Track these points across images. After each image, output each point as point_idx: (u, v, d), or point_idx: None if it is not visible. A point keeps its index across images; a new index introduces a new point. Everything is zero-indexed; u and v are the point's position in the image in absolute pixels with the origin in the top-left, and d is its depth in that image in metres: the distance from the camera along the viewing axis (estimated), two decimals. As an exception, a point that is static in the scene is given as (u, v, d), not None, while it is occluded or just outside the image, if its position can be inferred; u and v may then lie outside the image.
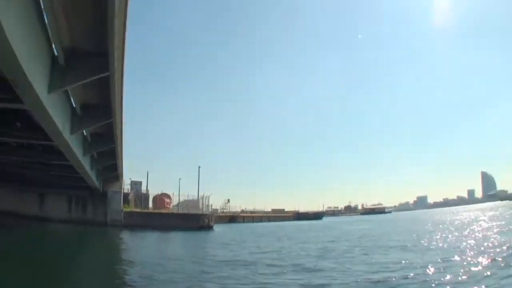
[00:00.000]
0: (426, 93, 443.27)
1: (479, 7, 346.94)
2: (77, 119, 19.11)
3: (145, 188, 59.20)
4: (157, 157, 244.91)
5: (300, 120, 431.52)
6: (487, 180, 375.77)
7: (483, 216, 53.54)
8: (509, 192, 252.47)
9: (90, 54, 13.12)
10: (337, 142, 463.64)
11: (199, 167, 56.54)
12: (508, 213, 58.17)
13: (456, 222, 44.05)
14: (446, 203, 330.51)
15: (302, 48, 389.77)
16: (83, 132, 22.84)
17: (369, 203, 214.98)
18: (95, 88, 16.36)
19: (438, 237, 25.14)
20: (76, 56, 12.97)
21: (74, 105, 18.50)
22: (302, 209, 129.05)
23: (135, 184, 57.30)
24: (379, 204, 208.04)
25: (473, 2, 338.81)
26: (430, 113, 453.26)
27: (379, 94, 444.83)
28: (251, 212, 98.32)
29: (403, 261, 14.12)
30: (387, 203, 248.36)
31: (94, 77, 13.78)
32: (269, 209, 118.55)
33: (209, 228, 42.41)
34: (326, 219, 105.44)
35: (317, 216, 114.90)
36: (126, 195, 48.68)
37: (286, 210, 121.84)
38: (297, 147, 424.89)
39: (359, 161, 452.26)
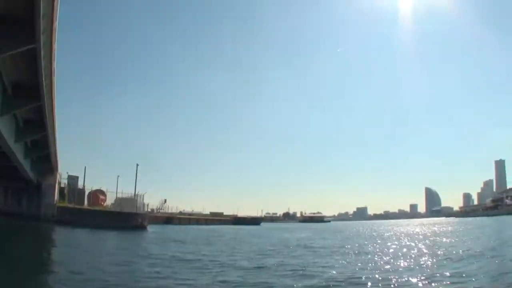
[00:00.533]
0: (374, 107, 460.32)
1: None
2: (7, 100, 18.47)
3: (82, 184, 56.85)
4: (99, 153, 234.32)
5: (243, 123, 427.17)
6: (431, 196, 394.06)
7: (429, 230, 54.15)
8: (455, 209, 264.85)
9: (17, 23, 12.71)
10: (279, 149, 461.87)
11: (137, 164, 56.02)
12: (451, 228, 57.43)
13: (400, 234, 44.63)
14: (386, 215, 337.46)
15: (248, 50, 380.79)
16: (15, 117, 22.27)
17: (309, 211, 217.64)
18: (24, 63, 15.94)
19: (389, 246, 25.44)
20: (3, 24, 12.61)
21: (5, 84, 17.83)
22: (241, 213, 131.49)
23: (72, 179, 55.33)
24: (318, 212, 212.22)
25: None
26: (378, 125, 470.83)
27: (326, 103, 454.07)
28: (189, 214, 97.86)
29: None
30: (327, 212, 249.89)
31: (21, 49, 13.31)
32: (207, 212, 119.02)
33: (143, 228, 41.67)
34: (264, 225, 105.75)
35: (255, 221, 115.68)
36: (62, 190, 47.03)
37: (224, 213, 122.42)
38: (239, 152, 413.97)
39: (300, 169, 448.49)
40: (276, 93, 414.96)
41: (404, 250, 22.21)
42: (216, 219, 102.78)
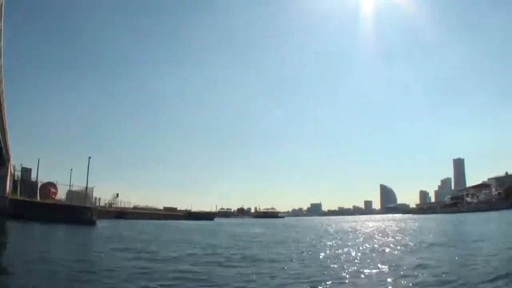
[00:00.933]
0: (330, 104, 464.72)
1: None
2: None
3: (36, 176, 55.91)
4: (54, 146, 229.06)
5: (196, 118, 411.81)
6: (387, 193, 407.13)
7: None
8: (411, 206, 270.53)
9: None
10: (234, 143, 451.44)
11: (89, 158, 55.19)
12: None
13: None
14: (341, 211, 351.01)
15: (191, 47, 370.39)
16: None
17: (263, 207, 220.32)
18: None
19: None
20: None
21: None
22: (195, 208, 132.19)
23: (25, 171, 54.85)
24: (273, 208, 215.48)
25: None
26: (334, 122, 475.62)
27: (281, 97, 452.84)
28: (143, 208, 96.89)
29: None
30: (281, 208, 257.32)
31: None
32: (161, 207, 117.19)
33: (91, 223, 41.01)
34: (218, 220, 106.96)
35: (208, 216, 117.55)
36: (16, 182, 46.53)
37: (178, 208, 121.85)
38: (197, 146, 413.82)
39: (255, 165, 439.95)
40: (225, 88, 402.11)
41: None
42: (170, 214, 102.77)
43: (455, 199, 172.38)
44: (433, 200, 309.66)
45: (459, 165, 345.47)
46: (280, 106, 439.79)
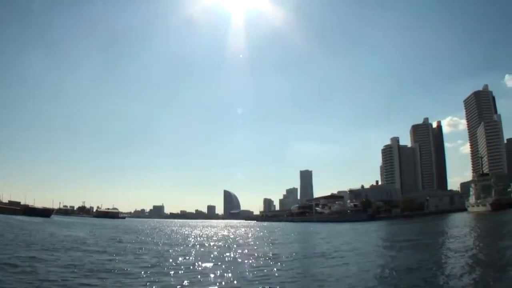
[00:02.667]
0: (182, 110, 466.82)
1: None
2: None
3: None
4: None
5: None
6: (230, 199, 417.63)
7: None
8: (255, 213, 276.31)
9: None
10: (78, 143, 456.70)
11: None
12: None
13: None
14: (183, 215, 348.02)
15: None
16: None
17: (106, 206, 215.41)
18: None
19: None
20: None
21: None
22: (40, 204, 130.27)
23: None
24: (114, 208, 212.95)
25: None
26: (180, 128, 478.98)
27: (133, 98, 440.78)
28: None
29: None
30: (124, 208, 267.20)
31: None
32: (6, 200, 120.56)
33: None
34: (56, 218, 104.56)
35: (45, 212, 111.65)
36: None
37: (22, 203, 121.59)
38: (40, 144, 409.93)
39: (100, 165, 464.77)
40: (82, 91, 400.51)
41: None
42: (5, 208, 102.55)
43: (303, 208, 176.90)
44: (278, 208, 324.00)
45: (306, 176, 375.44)
46: (130, 108, 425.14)
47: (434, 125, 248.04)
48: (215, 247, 28.67)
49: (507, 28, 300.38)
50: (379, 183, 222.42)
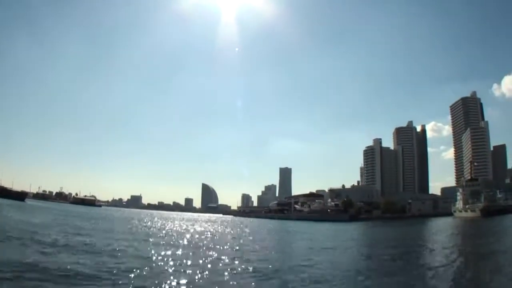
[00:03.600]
0: (165, 104, 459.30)
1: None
2: None
3: None
4: None
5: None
6: (208, 193, 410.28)
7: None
8: (232, 208, 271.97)
9: None
10: (62, 129, 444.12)
11: None
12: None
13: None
14: (161, 206, 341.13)
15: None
16: None
17: (84, 193, 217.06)
18: None
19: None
20: None
21: None
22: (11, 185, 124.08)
23: None
24: (92, 196, 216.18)
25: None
26: (162, 121, 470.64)
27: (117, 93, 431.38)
28: None
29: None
30: (102, 196, 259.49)
31: None
32: None
33: None
34: (32, 202, 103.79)
35: (20, 196, 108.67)
36: None
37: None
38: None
39: (80, 151, 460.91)
40: (67, 79, 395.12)
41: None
42: None
43: (282, 206, 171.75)
44: (256, 204, 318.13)
45: (285, 173, 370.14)
46: (114, 98, 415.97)
47: (418, 129, 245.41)
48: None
49: (497, 38, 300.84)
50: (360, 184, 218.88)
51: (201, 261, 17.68)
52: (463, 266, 18.26)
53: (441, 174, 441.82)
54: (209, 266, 16.51)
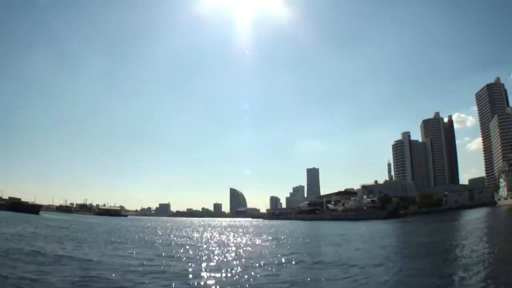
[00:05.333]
0: (191, 108, 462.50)
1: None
2: None
3: None
4: None
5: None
6: (236, 197, 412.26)
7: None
8: (261, 211, 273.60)
9: None
10: (80, 141, 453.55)
11: None
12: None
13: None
14: (190, 213, 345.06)
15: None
16: None
17: (113, 204, 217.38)
18: None
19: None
20: None
21: None
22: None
23: None
24: (121, 206, 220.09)
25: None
26: (190, 125, 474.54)
27: (136, 97, 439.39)
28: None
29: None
30: (130, 206, 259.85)
31: None
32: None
33: None
34: (47, 215, 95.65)
35: (33, 209, 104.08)
36: None
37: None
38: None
39: (107, 163, 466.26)
40: (87, 90, 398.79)
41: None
42: None
43: (313, 206, 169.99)
44: (284, 206, 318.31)
45: (313, 174, 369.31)
46: (135, 106, 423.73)
47: (445, 120, 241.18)
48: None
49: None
50: (377, 182, 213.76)
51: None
52: None
53: (467, 166, 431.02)
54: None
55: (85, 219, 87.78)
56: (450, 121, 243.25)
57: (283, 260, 19.78)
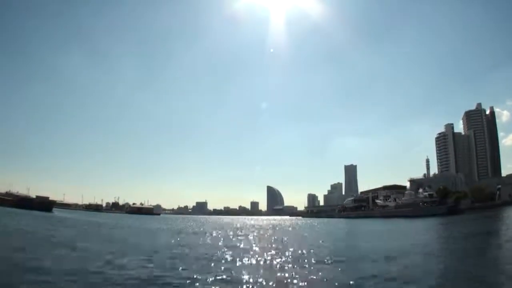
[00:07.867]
0: (225, 105, 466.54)
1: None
2: None
3: None
4: None
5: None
6: (273, 195, 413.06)
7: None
8: (298, 209, 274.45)
9: None
10: (115, 140, 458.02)
11: None
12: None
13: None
14: (227, 211, 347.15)
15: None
16: None
17: (150, 203, 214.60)
18: None
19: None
20: None
21: None
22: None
23: None
24: (156, 205, 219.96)
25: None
26: (224, 123, 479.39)
27: (175, 98, 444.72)
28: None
29: None
30: (166, 205, 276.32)
31: None
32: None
33: None
34: (60, 214, 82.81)
35: (43, 205, 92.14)
36: None
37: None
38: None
39: (144, 163, 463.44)
40: (123, 91, 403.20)
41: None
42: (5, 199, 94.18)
43: (359, 202, 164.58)
44: (322, 203, 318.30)
45: (351, 171, 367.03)
46: (172, 106, 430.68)
47: (487, 111, 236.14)
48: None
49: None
50: (426, 175, 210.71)
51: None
52: None
53: (503, 161, 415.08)
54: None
55: (100, 219, 73.36)
56: (492, 113, 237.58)
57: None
